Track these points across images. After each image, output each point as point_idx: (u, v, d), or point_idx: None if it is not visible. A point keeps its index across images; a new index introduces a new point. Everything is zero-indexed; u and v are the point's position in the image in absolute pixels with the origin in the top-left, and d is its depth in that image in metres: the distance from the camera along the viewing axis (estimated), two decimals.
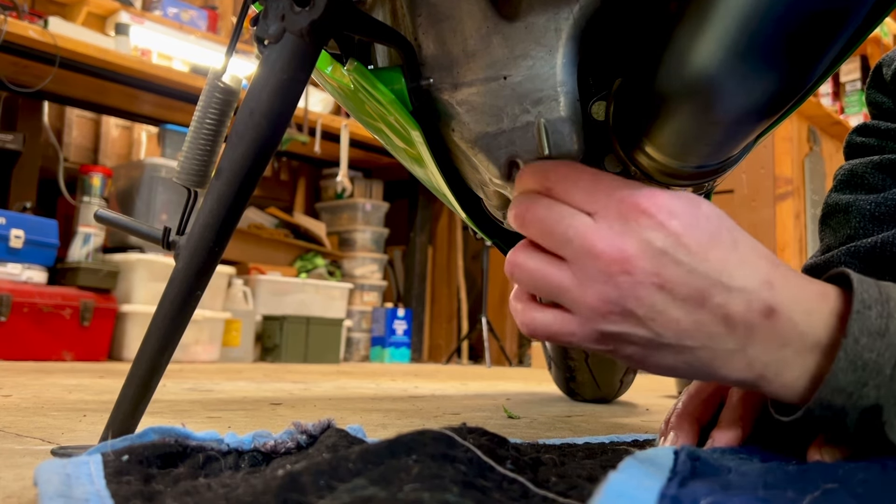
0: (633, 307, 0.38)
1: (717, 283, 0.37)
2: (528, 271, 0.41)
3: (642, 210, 0.38)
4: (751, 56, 0.38)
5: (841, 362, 0.36)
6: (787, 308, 0.38)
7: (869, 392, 0.36)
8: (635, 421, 0.96)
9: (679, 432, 0.49)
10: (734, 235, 0.39)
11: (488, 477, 0.35)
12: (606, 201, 0.39)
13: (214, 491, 0.35)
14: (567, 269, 0.39)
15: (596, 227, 0.38)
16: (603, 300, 0.38)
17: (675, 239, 0.37)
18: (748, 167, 2.86)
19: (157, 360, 0.54)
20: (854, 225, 0.58)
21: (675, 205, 0.38)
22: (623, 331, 0.38)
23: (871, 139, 0.64)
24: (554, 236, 0.40)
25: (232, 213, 0.53)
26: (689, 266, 0.37)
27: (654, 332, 0.38)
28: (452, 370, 2.69)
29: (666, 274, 0.37)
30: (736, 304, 0.37)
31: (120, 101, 2.76)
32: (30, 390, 1.11)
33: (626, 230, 0.38)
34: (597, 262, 0.38)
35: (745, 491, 0.32)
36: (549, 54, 0.48)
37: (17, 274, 2.15)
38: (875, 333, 0.36)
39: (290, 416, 0.88)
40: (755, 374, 0.38)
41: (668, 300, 0.37)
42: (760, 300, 0.37)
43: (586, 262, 0.38)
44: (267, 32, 0.49)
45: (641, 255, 0.37)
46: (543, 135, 0.49)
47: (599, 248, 0.38)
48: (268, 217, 3.34)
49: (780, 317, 0.37)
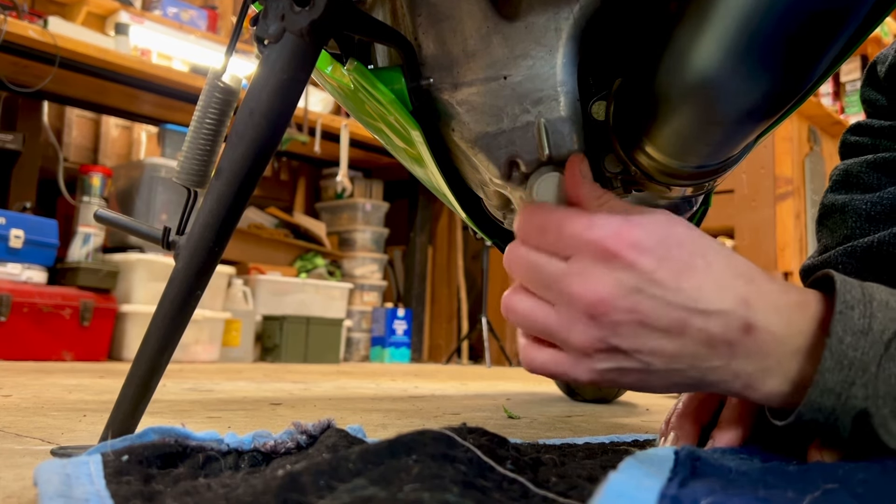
0: (618, 343, 0.40)
1: (693, 310, 0.39)
2: (520, 314, 0.43)
3: (611, 253, 0.39)
4: (751, 56, 0.38)
5: (827, 362, 0.37)
6: (764, 322, 0.39)
7: (857, 391, 0.37)
8: (635, 421, 0.96)
9: (679, 432, 0.49)
10: (708, 259, 0.40)
11: (488, 477, 0.35)
12: (576, 245, 0.41)
13: (214, 491, 0.35)
14: (553, 312, 0.41)
15: (569, 272, 0.41)
16: (588, 340, 0.40)
17: (646, 276, 0.39)
18: (748, 167, 2.86)
19: (157, 360, 0.54)
20: (851, 225, 0.59)
21: (643, 239, 0.39)
22: (614, 366, 0.40)
23: (865, 138, 0.65)
24: (535, 283, 0.42)
25: (232, 213, 0.53)
26: (664, 299, 0.39)
27: (643, 362, 0.40)
28: (452, 370, 2.69)
29: (643, 309, 0.39)
30: (714, 327, 0.39)
31: (120, 101, 2.76)
32: (30, 390, 1.11)
33: (599, 272, 0.40)
34: (576, 305, 0.40)
35: (746, 491, 0.32)
36: (549, 54, 0.48)
37: (16, 274, 2.15)
38: (859, 332, 0.37)
39: (290, 416, 0.88)
40: (742, 383, 0.40)
41: (649, 333, 0.39)
42: (738, 318, 0.39)
43: (567, 305, 0.41)
44: (267, 32, 0.49)
45: (616, 295, 0.39)
46: (543, 135, 0.49)
47: (576, 293, 0.40)
48: (268, 217, 3.34)
49: (758, 331, 0.39)
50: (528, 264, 0.43)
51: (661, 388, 0.42)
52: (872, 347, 0.37)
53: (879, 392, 0.36)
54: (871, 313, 0.37)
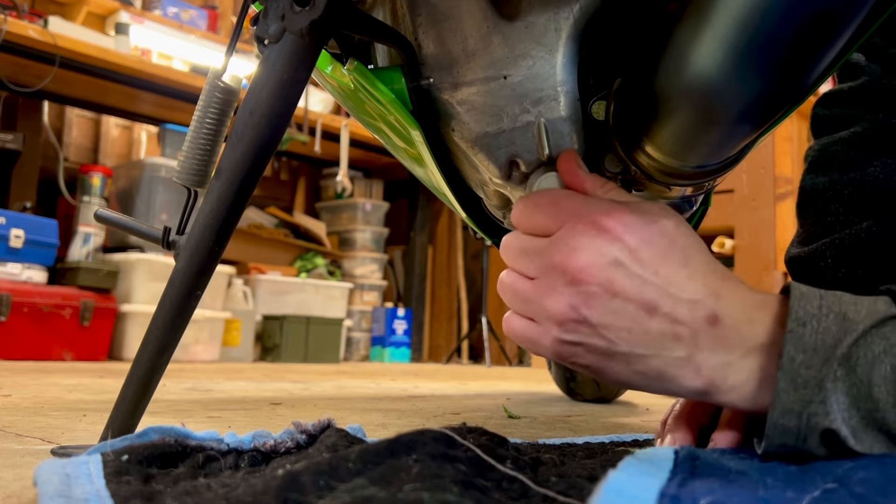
0: (587, 315, 0.41)
1: (665, 293, 0.40)
2: (505, 286, 0.45)
3: (600, 226, 0.41)
4: (750, 56, 0.38)
5: (781, 382, 0.37)
6: (729, 316, 0.39)
7: (816, 409, 0.36)
8: (635, 421, 0.96)
9: (676, 434, 0.49)
10: (687, 253, 0.41)
11: (488, 476, 0.35)
12: (567, 219, 0.42)
13: (214, 491, 0.35)
14: (534, 283, 0.43)
15: (555, 241, 0.42)
16: (560, 307, 0.41)
17: (629, 252, 0.40)
18: (748, 167, 2.86)
19: (156, 359, 0.54)
20: (834, 211, 0.57)
21: (632, 220, 0.41)
22: (579, 339, 0.41)
23: (836, 109, 0.62)
24: (522, 260, 0.44)
25: (232, 213, 0.53)
26: (641, 278, 0.40)
27: (607, 339, 0.41)
28: (452, 370, 2.69)
29: (618, 284, 0.40)
30: (682, 313, 0.40)
31: (120, 100, 2.76)
32: (30, 390, 1.11)
33: (583, 244, 0.41)
34: (555, 273, 0.42)
35: (745, 491, 0.32)
36: (549, 54, 0.48)
37: (17, 274, 2.15)
38: (811, 350, 0.37)
39: (289, 416, 0.88)
40: (704, 380, 0.40)
41: (620, 308, 0.40)
42: (705, 308, 0.40)
43: (548, 275, 0.42)
44: (267, 32, 0.49)
45: (596, 266, 0.40)
46: (543, 134, 0.49)
47: (557, 261, 0.41)
48: (268, 217, 3.34)
49: (723, 323, 0.39)
50: (519, 244, 0.44)
51: (620, 377, 0.42)
52: (825, 364, 0.36)
53: (842, 406, 0.36)
54: (825, 328, 0.37)
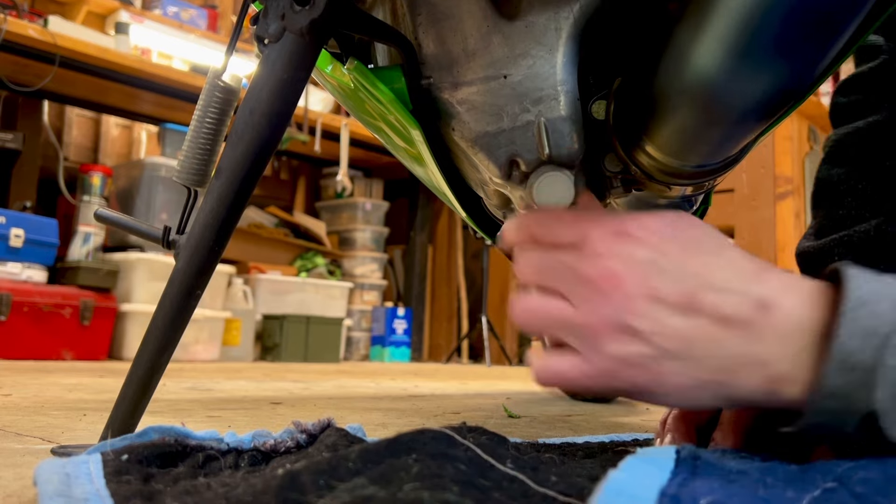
0: (632, 321, 0.38)
1: (704, 283, 0.38)
2: (533, 312, 0.42)
3: (623, 231, 0.40)
4: (750, 56, 0.38)
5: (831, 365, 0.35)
6: (779, 300, 0.37)
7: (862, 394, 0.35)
8: (635, 420, 0.96)
9: (675, 434, 0.49)
10: (719, 242, 0.40)
11: (488, 476, 0.35)
12: (589, 230, 0.41)
13: (214, 490, 0.35)
14: (566, 301, 0.41)
15: (583, 257, 0.40)
16: (603, 320, 0.39)
17: (657, 249, 0.39)
18: (748, 167, 2.86)
19: (156, 359, 0.54)
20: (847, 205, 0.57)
21: (654, 223, 0.40)
22: (629, 352, 0.39)
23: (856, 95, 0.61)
24: (548, 276, 0.42)
25: (232, 213, 0.53)
26: (674, 272, 0.39)
27: (658, 346, 0.38)
28: (452, 369, 2.69)
29: (654, 283, 0.38)
30: (728, 304, 0.37)
31: (120, 100, 2.76)
32: (30, 389, 1.11)
33: (610, 252, 0.40)
34: (589, 286, 0.40)
35: (746, 490, 0.32)
36: (549, 53, 0.48)
37: (17, 273, 2.15)
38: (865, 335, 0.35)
39: (289, 416, 0.88)
40: (770, 375, 0.37)
41: (663, 309, 0.38)
42: (752, 294, 0.37)
43: (581, 289, 0.40)
44: (267, 31, 0.49)
45: (628, 270, 0.39)
46: (543, 134, 0.49)
47: (588, 273, 0.40)
48: (268, 216, 3.34)
49: (774, 309, 0.37)
50: (542, 261, 0.42)
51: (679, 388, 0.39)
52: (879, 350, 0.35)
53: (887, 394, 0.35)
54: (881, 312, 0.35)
